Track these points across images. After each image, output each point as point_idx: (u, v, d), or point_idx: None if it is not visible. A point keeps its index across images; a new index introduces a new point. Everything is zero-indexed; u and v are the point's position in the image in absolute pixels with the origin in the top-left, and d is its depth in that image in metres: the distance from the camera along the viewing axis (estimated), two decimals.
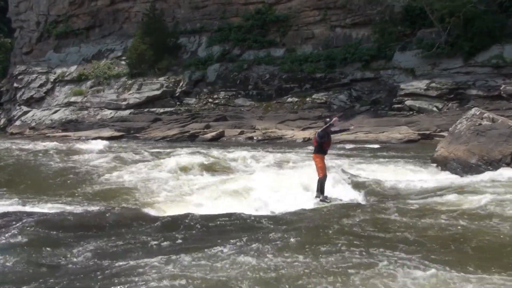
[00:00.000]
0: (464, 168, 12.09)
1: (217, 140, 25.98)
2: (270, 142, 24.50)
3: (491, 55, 25.40)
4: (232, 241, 6.39)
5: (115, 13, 38.22)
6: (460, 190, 9.43)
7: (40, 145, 19.89)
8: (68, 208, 9.07)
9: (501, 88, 24.23)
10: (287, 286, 5.01)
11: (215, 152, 17.03)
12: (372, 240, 6.29)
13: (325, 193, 9.58)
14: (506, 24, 25.76)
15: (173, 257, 5.89)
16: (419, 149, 19.03)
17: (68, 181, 12.36)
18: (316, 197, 9.50)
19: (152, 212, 8.58)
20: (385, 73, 28.53)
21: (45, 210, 8.74)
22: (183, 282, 5.15)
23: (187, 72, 33.18)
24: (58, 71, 37.67)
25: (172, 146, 21.94)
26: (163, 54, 33.58)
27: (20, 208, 9.01)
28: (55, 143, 21.79)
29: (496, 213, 7.41)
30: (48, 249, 6.27)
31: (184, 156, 15.60)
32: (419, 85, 26.32)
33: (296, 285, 5.01)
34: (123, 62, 35.67)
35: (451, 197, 8.69)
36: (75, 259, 6.02)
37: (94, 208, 9.12)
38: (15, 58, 41.27)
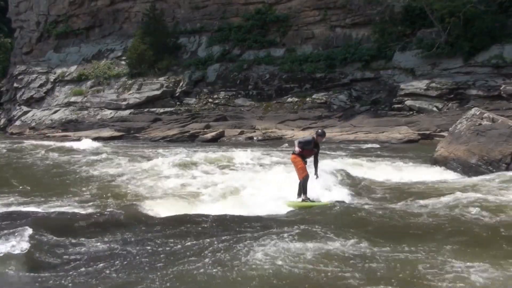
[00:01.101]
0: (464, 168, 12.08)
1: (217, 140, 25.93)
2: (270, 142, 24.44)
3: (491, 55, 25.36)
4: (224, 241, 6.45)
5: (115, 13, 38.20)
6: (457, 189, 9.42)
7: (37, 145, 19.87)
8: (65, 208, 9.07)
9: (501, 88, 24.18)
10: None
11: (212, 152, 17.01)
12: (347, 234, 6.56)
13: (309, 193, 9.37)
14: (506, 24, 25.72)
15: (171, 256, 5.88)
16: (419, 149, 18.99)
17: (65, 181, 12.37)
18: (303, 200, 9.30)
19: (147, 211, 8.58)
20: (385, 73, 28.49)
21: (43, 210, 8.73)
22: (184, 281, 5.14)
23: (187, 72, 33.15)
24: (58, 71, 37.63)
25: (171, 146, 21.91)
26: (163, 54, 33.55)
27: (15, 208, 9.00)
28: (39, 142, 21.86)
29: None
30: (46, 249, 6.25)
31: (180, 157, 15.59)
32: (419, 85, 26.28)
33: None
34: (123, 62, 35.64)
35: (438, 195, 8.76)
36: (74, 260, 6.01)
37: (90, 208, 9.12)
38: (15, 58, 41.26)
